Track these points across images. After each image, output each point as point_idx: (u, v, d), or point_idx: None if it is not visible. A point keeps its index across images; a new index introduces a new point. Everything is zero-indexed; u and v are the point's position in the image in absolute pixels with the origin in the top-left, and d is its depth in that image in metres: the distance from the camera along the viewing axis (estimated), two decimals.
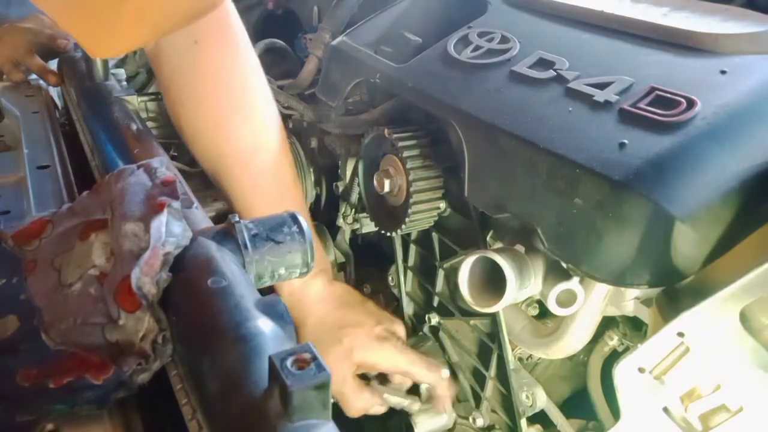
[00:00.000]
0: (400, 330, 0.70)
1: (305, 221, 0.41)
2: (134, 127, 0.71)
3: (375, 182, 0.62)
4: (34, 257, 0.42)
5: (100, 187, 0.44)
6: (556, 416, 0.58)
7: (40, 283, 0.41)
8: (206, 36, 0.67)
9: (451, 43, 0.60)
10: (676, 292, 0.43)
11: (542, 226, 0.46)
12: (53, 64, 1.00)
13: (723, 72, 0.46)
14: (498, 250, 0.47)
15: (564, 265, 0.47)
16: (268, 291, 0.43)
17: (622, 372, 0.40)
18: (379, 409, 0.68)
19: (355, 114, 0.72)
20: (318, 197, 0.88)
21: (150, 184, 0.39)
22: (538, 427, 0.59)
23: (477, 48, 0.58)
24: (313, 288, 0.70)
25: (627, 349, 0.55)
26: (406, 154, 0.58)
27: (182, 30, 0.65)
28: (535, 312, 0.58)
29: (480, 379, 0.64)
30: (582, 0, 0.60)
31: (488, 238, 0.57)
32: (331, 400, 0.33)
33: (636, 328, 0.54)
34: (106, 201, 0.41)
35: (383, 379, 0.70)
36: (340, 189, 0.80)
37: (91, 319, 0.37)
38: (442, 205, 0.61)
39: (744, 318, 0.39)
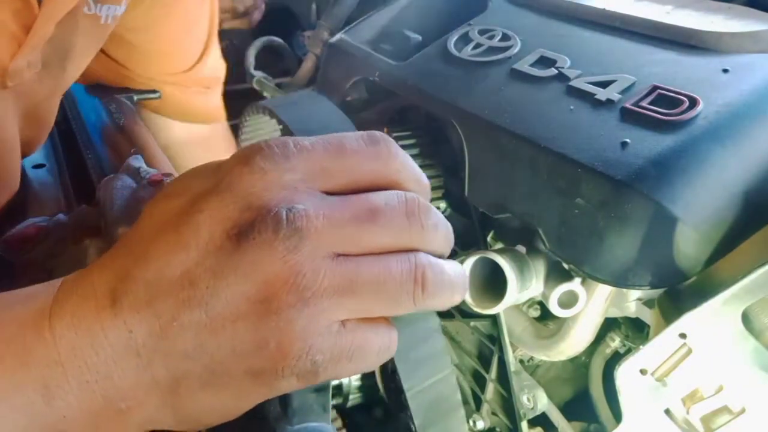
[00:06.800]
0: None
1: None
2: (131, 126, 0.71)
3: None
4: (25, 262, 0.41)
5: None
6: (558, 418, 0.57)
7: None
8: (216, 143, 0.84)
9: (451, 41, 0.60)
10: (678, 293, 0.42)
11: (543, 226, 0.46)
12: None
13: (725, 71, 0.46)
14: (499, 251, 0.47)
15: (565, 265, 0.47)
16: None
17: (623, 374, 0.40)
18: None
19: (354, 113, 0.71)
20: None
21: (136, 186, 0.39)
22: (539, 429, 0.58)
23: (477, 46, 0.58)
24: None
25: (629, 351, 0.54)
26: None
27: (196, 141, 0.84)
28: (537, 313, 0.57)
29: (480, 381, 0.64)
30: None
31: (489, 239, 0.57)
32: (331, 402, 0.33)
33: (638, 330, 0.54)
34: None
35: None
36: None
37: None
38: (442, 205, 0.61)
39: (746, 319, 0.38)
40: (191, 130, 0.85)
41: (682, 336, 0.38)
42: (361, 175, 0.26)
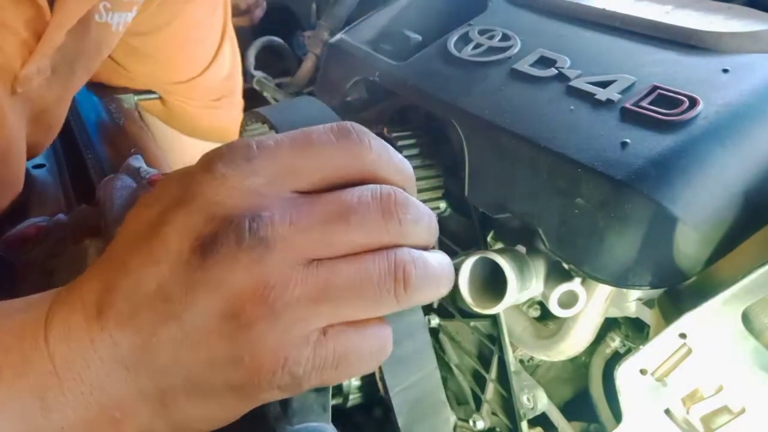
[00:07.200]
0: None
1: None
2: (131, 126, 0.71)
3: None
4: (25, 262, 0.42)
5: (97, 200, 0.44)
6: (558, 419, 0.57)
7: (32, 288, 0.40)
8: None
9: (451, 41, 0.60)
10: (678, 293, 0.42)
11: (543, 226, 0.45)
12: None
13: (725, 71, 0.46)
14: (499, 251, 0.47)
15: (565, 265, 0.47)
16: None
17: (623, 374, 0.39)
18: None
19: (354, 113, 0.71)
20: None
21: (136, 186, 0.39)
22: (539, 429, 0.58)
23: (477, 46, 0.58)
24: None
25: (629, 351, 0.54)
26: (405, 153, 0.58)
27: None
28: (537, 313, 0.57)
29: (480, 381, 0.63)
30: None
31: (489, 239, 0.57)
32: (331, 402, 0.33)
33: (638, 330, 0.54)
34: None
35: None
36: None
37: None
38: (442, 205, 0.61)
39: (746, 319, 0.38)
40: (200, 148, 0.84)
41: (682, 336, 0.38)
42: (332, 171, 0.25)
